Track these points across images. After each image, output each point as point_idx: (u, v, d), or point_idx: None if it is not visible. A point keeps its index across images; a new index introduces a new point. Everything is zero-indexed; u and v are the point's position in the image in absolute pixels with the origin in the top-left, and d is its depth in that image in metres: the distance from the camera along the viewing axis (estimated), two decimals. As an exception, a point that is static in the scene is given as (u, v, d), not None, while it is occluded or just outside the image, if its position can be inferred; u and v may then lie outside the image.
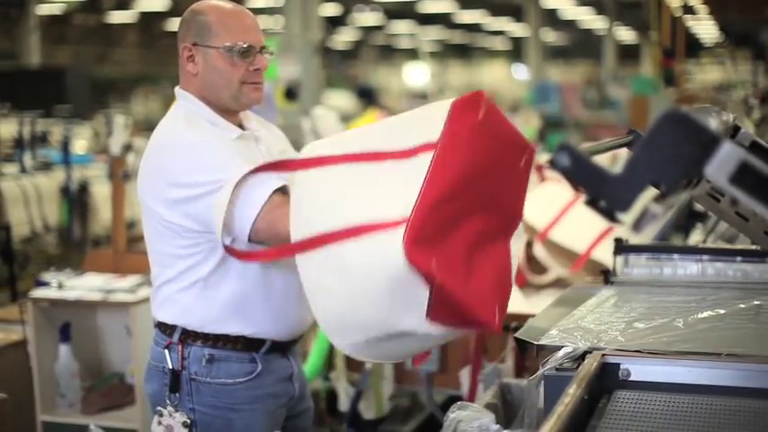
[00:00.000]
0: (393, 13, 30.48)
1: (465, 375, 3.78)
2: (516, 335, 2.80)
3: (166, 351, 3.13)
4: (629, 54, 34.16)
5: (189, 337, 3.11)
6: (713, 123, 2.08)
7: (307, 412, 3.45)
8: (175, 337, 3.12)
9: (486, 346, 3.73)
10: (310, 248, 2.62)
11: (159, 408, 3.15)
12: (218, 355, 3.10)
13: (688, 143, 2.03)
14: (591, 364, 2.36)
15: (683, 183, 2.30)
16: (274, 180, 2.90)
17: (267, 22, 7.71)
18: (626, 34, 34.89)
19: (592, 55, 34.53)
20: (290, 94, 6.69)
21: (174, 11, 28.21)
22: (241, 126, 3.21)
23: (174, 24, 30.25)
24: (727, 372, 2.34)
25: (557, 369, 2.39)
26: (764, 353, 2.46)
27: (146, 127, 18.18)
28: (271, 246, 2.90)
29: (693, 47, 28.18)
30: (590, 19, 32.81)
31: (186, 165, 2.97)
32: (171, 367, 3.12)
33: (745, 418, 2.20)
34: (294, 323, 3.20)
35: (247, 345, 3.12)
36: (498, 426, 2.43)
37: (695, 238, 6.42)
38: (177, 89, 3.21)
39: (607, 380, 2.38)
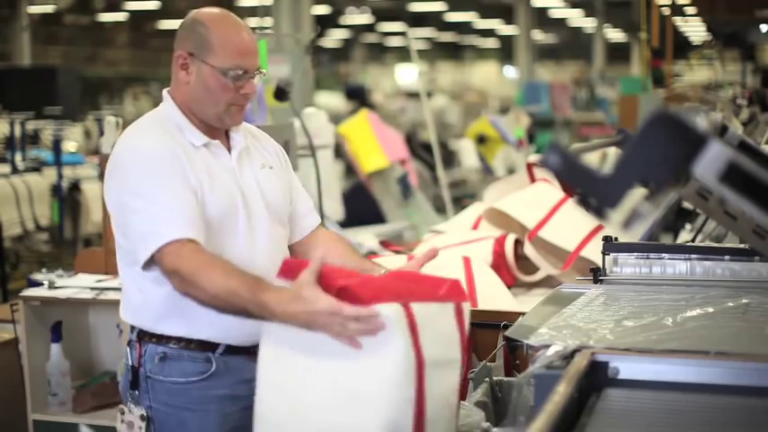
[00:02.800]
0: (383, 13, 30.49)
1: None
2: (506, 333, 2.82)
3: (128, 348, 3.15)
4: (618, 54, 34.21)
5: (145, 335, 3.09)
6: (702, 123, 2.10)
7: None
8: (134, 335, 3.12)
9: (476, 344, 3.75)
10: None
11: (121, 405, 3.15)
12: (170, 353, 3.06)
13: (677, 143, 2.05)
14: (580, 362, 2.37)
15: (672, 182, 2.32)
16: (189, 229, 2.87)
17: (257, 21, 7.73)
18: (615, 34, 34.94)
19: (581, 55, 34.59)
20: (281, 93, 6.66)
21: (165, 11, 28.19)
22: (226, 134, 3.20)
23: (165, 24, 30.29)
24: (715, 370, 2.36)
25: (546, 367, 2.40)
26: (753, 351, 2.47)
27: (136, 127, 18.19)
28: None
29: (682, 47, 28.20)
30: (579, 19, 32.85)
31: (124, 172, 2.99)
32: (131, 364, 3.12)
33: (733, 416, 2.21)
34: (253, 328, 2.81)
35: (201, 345, 3.07)
36: (488, 423, 2.45)
37: (684, 237, 6.44)
38: (165, 92, 3.20)
39: (596, 378, 2.40)
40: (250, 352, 2.97)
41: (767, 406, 2.25)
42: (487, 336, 3.69)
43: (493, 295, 4.36)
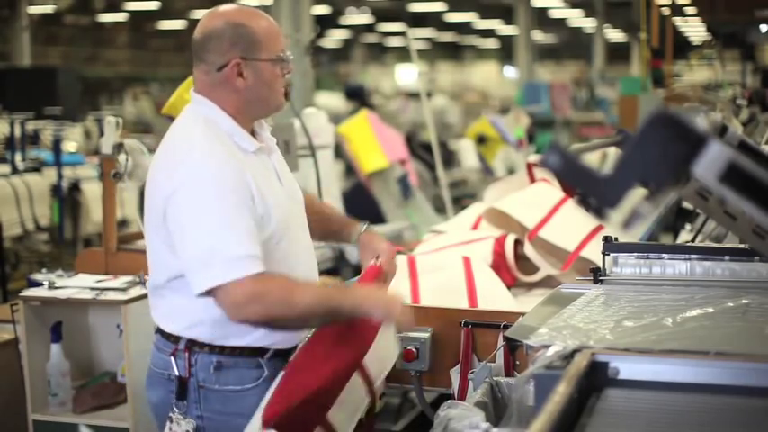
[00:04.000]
0: (383, 13, 30.48)
1: (455, 374, 3.80)
2: (506, 333, 2.82)
3: (172, 358, 3.13)
4: (618, 54, 34.19)
5: (195, 345, 3.11)
6: (701, 123, 2.10)
7: None
8: (181, 345, 3.12)
9: (476, 344, 3.75)
10: None
11: (170, 414, 3.13)
12: (225, 362, 3.10)
13: (676, 143, 2.05)
14: (580, 362, 2.37)
15: (672, 182, 2.32)
16: (255, 265, 2.92)
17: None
18: (615, 34, 34.94)
19: (581, 55, 34.60)
20: (281, 94, 6.68)
21: (165, 11, 28.20)
22: (253, 134, 3.23)
23: (165, 25, 30.30)
24: (715, 370, 2.36)
25: (546, 367, 2.40)
26: (753, 351, 2.47)
27: (136, 128, 18.20)
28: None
29: (682, 47, 28.18)
30: (579, 19, 32.85)
31: (193, 199, 2.96)
32: (177, 374, 3.12)
33: (733, 417, 2.22)
34: (299, 333, 3.24)
35: (252, 351, 3.13)
36: (488, 424, 2.45)
37: (684, 237, 6.44)
38: (194, 93, 3.19)
39: (596, 378, 2.40)
40: (289, 356, 3.18)
41: (767, 406, 2.25)
42: (487, 336, 3.69)
43: (493, 295, 4.36)
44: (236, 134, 3.11)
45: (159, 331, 3.22)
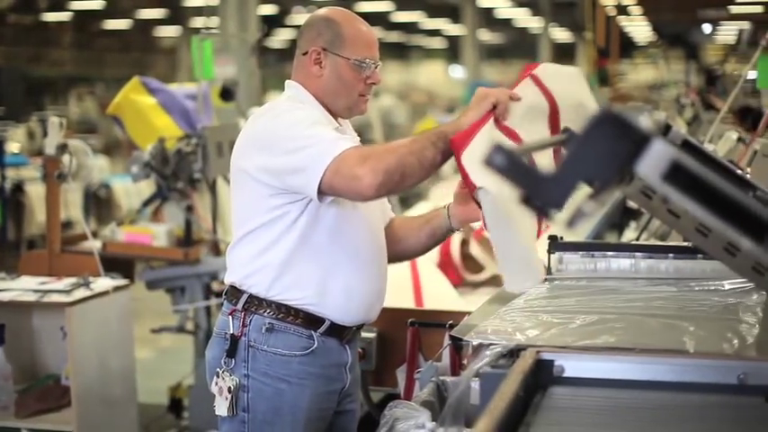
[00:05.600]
0: (329, 13, 30.42)
1: (401, 374, 3.80)
2: (452, 332, 2.82)
3: (230, 318, 3.28)
4: (564, 53, 34.38)
5: (253, 305, 3.25)
6: (645, 122, 2.10)
7: (352, 413, 3.52)
8: (240, 305, 3.26)
9: (422, 343, 3.75)
10: None
11: (218, 369, 3.27)
12: (277, 325, 3.23)
13: (620, 142, 2.05)
14: (526, 360, 2.38)
15: (616, 180, 2.33)
16: (346, 142, 3.09)
17: (203, 21, 7.64)
18: (561, 34, 35.13)
19: (528, 54, 34.69)
20: (227, 94, 6.63)
21: (110, 11, 27.98)
22: None
23: (110, 24, 30.04)
24: (660, 367, 2.37)
25: (492, 366, 2.41)
26: (696, 348, 2.49)
27: (81, 128, 18.04)
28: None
29: (627, 47, 28.43)
30: (526, 19, 32.99)
31: (291, 126, 3.13)
32: (231, 332, 3.26)
33: (677, 413, 2.23)
34: (359, 310, 3.32)
35: (307, 320, 3.25)
36: (434, 423, 2.44)
37: (629, 235, 6.48)
38: (288, 81, 3.40)
39: (542, 376, 2.40)
40: (343, 338, 3.33)
41: (711, 402, 2.26)
42: (434, 335, 3.69)
43: (439, 294, 4.37)
44: (320, 112, 3.29)
45: (225, 295, 3.36)
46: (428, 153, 3.07)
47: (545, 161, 2.95)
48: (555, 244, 3.56)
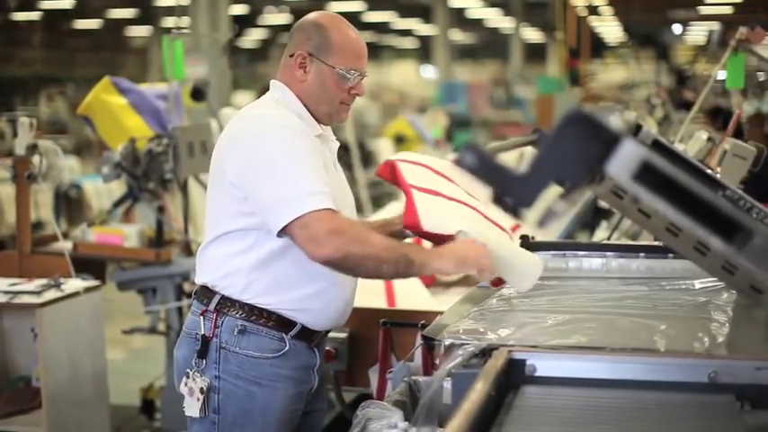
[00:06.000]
0: (301, 13, 30.37)
1: (374, 374, 3.79)
2: (424, 332, 2.82)
3: (201, 318, 3.26)
4: (535, 54, 34.43)
5: (225, 306, 3.23)
6: (615, 122, 2.11)
7: (320, 412, 3.53)
8: (212, 306, 3.24)
9: (394, 343, 3.75)
10: None
11: (188, 370, 3.27)
12: (249, 327, 3.21)
13: (591, 142, 2.06)
14: (498, 360, 2.38)
15: (587, 180, 2.33)
16: (331, 202, 3.04)
17: (174, 21, 7.61)
18: (532, 34, 35.17)
19: (499, 55, 34.74)
20: (198, 94, 6.61)
21: (81, 11, 27.84)
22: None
23: (80, 24, 29.87)
24: (631, 366, 2.38)
25: (464, 366, 2.41)
26: (668, 347, 2.50)
27: (51, 128, 17.95)
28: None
29: (598, 47, 28.52)
30: (497, 19, 33.02)
31: (280, 152, 3.10)
32: (203, 333, 3.24)
33: (648, 411, 2.24)
34: (331, 316, 3.31)
35: (279, 323, 3.22)
36: (406, 423, 2.45)
37: (600, 234, 6.50)
38: (273, 81, 3.37)
39: (514, 376, 2.41)
40: (312, 341, 3.31)
41: (682, 400, 2.27)
42: (406, 335, 3.69)
43: (411, 294, 4.37)
44: (303, 116, 3.26)
45: (195, 294, 3.33)
46: (388, 269, 3.09)
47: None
48: (526, 243, 3.56)
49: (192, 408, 3.25)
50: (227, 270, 3.22)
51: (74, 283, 5.03)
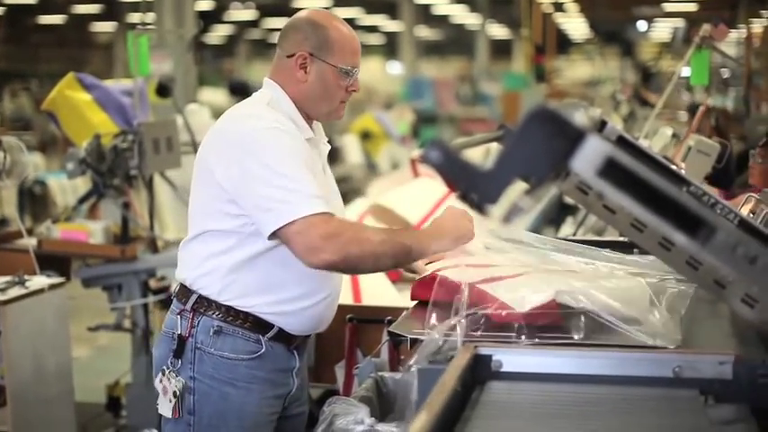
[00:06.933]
0: (268, 9, 30.30)
1: (340, 370, 3.80)
2: (390, 328, 2.82)
3: (178, 318, 3.25)
4: (501, 50, 34.49)
5: (202, 306, 3.21)
6: (580, 118, 2.12)
7: (301, 416, 3.50)
8: (189, 305, 3.23)
9: (360, 339, 3.76)
10: None
11: (163, 368, 3.25)
12: (225, 328, 3.20)
13: (555, 138, 2.07)
14: (464, 355, 2.39)
15: (552, 176, 2.34)
16: (326, 206, 3.04)
17: (140, 17, 7.58)
18: (498, 31, 35.23)
19: (465, 51, 34.78)
20: (163, 90, 6.60)
21: (44, 6, 27.66)
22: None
23: (44, 20, 29.67)
24: (596, 361, 2.39)
25: (430, 362, 2.41)
26: (628, 342, 2.52)
27: (15, 125, 17.83)
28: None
29: (564, 43, 28.59)
30: (463, 15, 33.06)
31: (276, 157, 3.07)
32: (179, 333, 3.23)
33: (614, 406, 2.25)
34: (311, 321, 3.29)
35: (256, 324, 3.21)
36: (373, 419, 2.45)
37: (566, 230, 6.53)
38: (266, 79, 3.34)
39: (480, 371, 2.41)
40: (291, 343, 3.29)
41: (646, 395, 2.29)
42: (372, 331, 3.70)
43: (377, 291, 4.37)
44: (295, 119, 3.24)
45: (175, 293, 3.33)
46: (388, 262, 3.15)
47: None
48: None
49: (165, 407, 3.24)
50: (205, 270, 3.21)
51: (38, 280, 5.01)
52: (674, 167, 2.57)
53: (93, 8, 28.07)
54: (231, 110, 3.36)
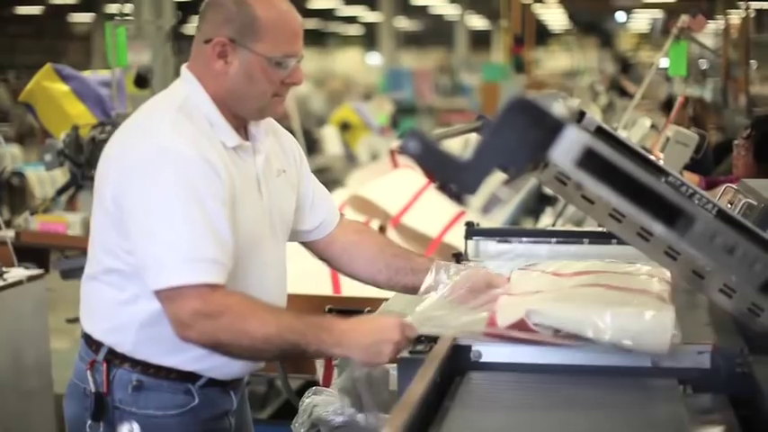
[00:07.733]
0: (246, 0, 30.23)
1: (320, 361, 3.80)
2: (369, 319, 2.82)
3: (88, 372, 2.73)
4: (480, 41, 34.48)
5: (116, 357, 2.71)
6: (558, 109, 2.12)
7: None
8: (100, 356, 2.72)
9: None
10: None
11: None
12: (147, 382, 2.69)
13: (534, 128, 2.07)
14: (443, 346, 2.39)
15: (530, 167, 2.35)
16: (220, 272, 2.53)
17: (117, 8, 7.55)
18: (477, 21, 35.24)
19: (444, 42, 34.78)
20: (141, 81, 6.57)
21: (21, -4, 27.54)
22: (245, 129, 2.79)
23: (21, 10, 29.53)
24: (574, 351, 2.39)
25: (409, 352, 2.42)
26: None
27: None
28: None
29: (543, 34, 28.63)
30: (442, 6, 33.05)
31: (158, 184, 2.53)
32: (93, 390, 2.71)
33: (593, 395, 2.26)
34: (243, 366, 2.79)
35: (182, 375, 2.71)
36: (353, 410, 2.45)
37: (545, 221, 6.55)
38: (185, 69, 2.75)
39: (459, 362, 2.42)
40: (226, 385, 2.81)
41: (625, 384, 2.29)
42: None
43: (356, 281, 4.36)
44: (215, 123, 2.67)
45: (83, 336, 2.83)
46: (270, 357, 2.85)
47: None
48: (471, 230, 3.57)
49: None
50: (113, 324, 2.71)
51: (16, 272, 4.98)
52: (652, 158, 2.58)
53: (70, -1, 27.98)
54: (135, 115, 2.75)
